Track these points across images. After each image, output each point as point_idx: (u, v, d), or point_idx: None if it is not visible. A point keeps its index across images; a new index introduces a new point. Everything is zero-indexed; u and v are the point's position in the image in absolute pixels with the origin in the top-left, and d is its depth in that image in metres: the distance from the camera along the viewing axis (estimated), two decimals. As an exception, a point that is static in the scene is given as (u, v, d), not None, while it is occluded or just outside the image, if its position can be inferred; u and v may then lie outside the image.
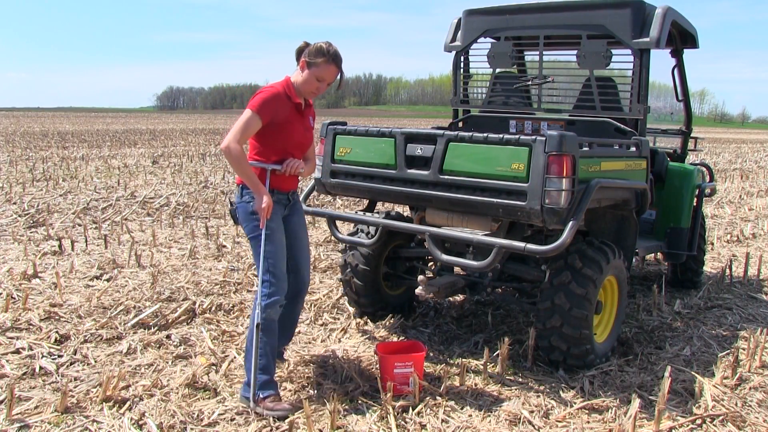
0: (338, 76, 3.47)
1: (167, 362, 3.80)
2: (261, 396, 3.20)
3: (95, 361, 3.79)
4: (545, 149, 3.31)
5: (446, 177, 3.68)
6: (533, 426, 3.16)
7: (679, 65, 5.41)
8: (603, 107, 4.60)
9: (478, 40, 5.07)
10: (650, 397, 3.48)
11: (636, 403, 3.16)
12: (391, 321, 4.52)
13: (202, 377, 3.55)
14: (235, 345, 4.08)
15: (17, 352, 3.86)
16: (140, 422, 3.08)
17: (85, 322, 4.36)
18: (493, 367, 3.78)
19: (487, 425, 3.15)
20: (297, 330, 4.38)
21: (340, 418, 3.13)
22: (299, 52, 3.42)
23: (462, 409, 3.30)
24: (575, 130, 4.47)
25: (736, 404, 3.42)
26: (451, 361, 3.93)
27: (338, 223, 4.37)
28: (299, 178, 3.56)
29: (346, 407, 3.25)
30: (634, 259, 4.77)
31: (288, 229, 3.48)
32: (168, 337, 4.18)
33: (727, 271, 6.09)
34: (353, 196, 4.30)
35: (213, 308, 4.75)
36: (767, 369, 3.94)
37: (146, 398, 3.30)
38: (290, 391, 3.42)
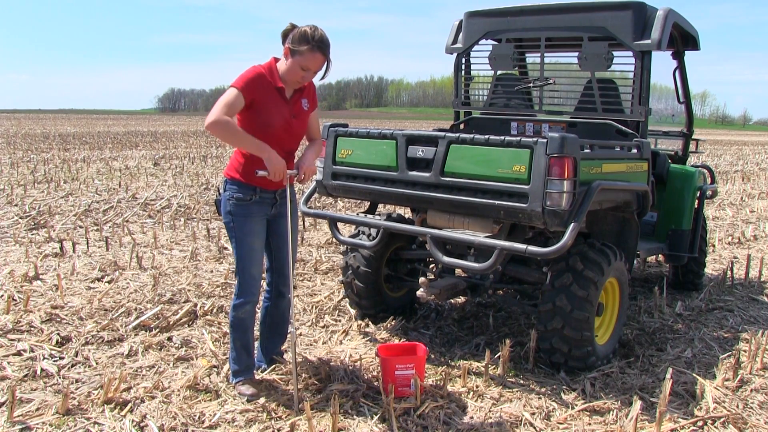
0: (324, 65, 3.23)
1: (168, 364, 3.81)
2: (233, 382, 3.46)
3: (96, 363, 3.79)
4: (546, 151, 3.31)
5: (447, 179, 3.69)
6: (534, 428, 3.16)
7: (681, 67, 5.41)
8: (604, 109, 4.60)
9: (480, 42, 5.07)
10: (651, 399, 3.47)
11: (637, 404, 3.16)
12: (393, 323, 4.52)
13: (203, 379, 3.55)
14: (237, 347, 4.08)
15: (18, 354, 3.86)
16: (141, 424, 3.08)
17: (86, 324, 4.37)
18: (494, 368, 3.78)
19: (488, 427, 3.15)
20: (299, 332, 4.39)
21: (342, 419, 3.13)
22: (284, 36, 3.20)
23: (463, 411, 3.30)
24: (576, 132, 4.48)
25: (737, 406, 3.42)
26: (453, 363, 3.93)
27: (339, 225, 4.37)
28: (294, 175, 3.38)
29: (348, 409, 3.25)
30: (635, 261, 4.77)
31: (276, 229, 3.45)
32: (169, 339, 4.19)
33: (729, 273, 6.09)
34: (354, 198, 4.31)
35: (214, 310, 4.76)
36: (769, 371, 3.94)
37: (147, 400, 3.30)
38: (291, 392, 3.42)
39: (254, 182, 3.27)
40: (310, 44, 3.13)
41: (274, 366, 3.66)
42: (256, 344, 3.78)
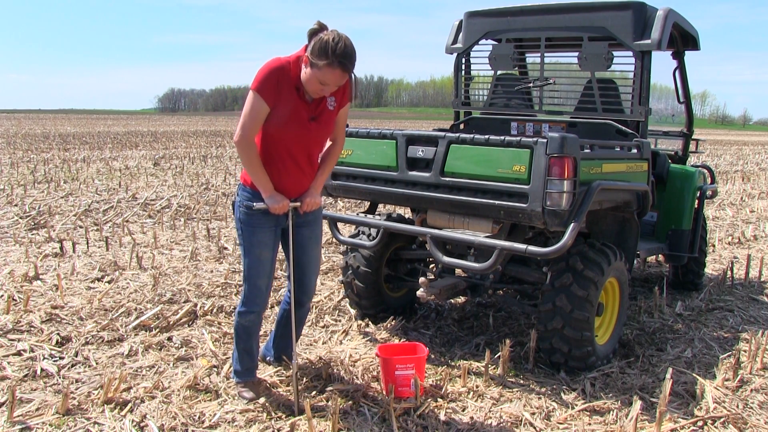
0: (350, 80, 2.97)
1: (168, 364, 3.81)
2: (234, 380, 3.44)
3: (96, 363, 3.79)
4: (546, 151, 3.32)
5: (447, 179, 3.69)
6: (534, 428, 3.16)
7: (681, 67, 5.41)
8: (604, 109, 4.60)
9: (480, 42, 5.07)
10: (651, 399, 3.47)
11: (637, 404, 3.16)
12: (393, 323, 4.52)
13: (203, 379, 3.55)
14: (237, 347, 4.08)
15: (18, 354, 3.86)
16: (141, 424, 3.08)
17: (86, 324, 4.37)
18: (494, 368, 3.78)
19: (488, 427, 3.15)
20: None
21: (342, 420, 3.13)
22: (310, 37, 2.91)
23: (463, 411, 3.30)
24: (576, 132, 4.48)
25: (737, 406, 3.42)
26: (453, 363, 3.93)
27: (339, 225, 4.37)
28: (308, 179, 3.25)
29: (348, 409, 3.25)
30: (635, 261, 4.77)
31: (295, 239, 3.25)
32: (169, 339, 4.19)
33: (729, 273, 6.09)
34: (354, 198, 4.31)
35: (214, 310, 4.76)
36: (769, 371, 3.94)
37: (147, 400, 3.30)
38: (290, 392, 3.42)
39: None
40: (329, 59, 2.82)
41: (277, 368, 3.66)
42: (261, 343, 3.78)
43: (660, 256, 6.13)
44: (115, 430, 3.02)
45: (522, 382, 3.67)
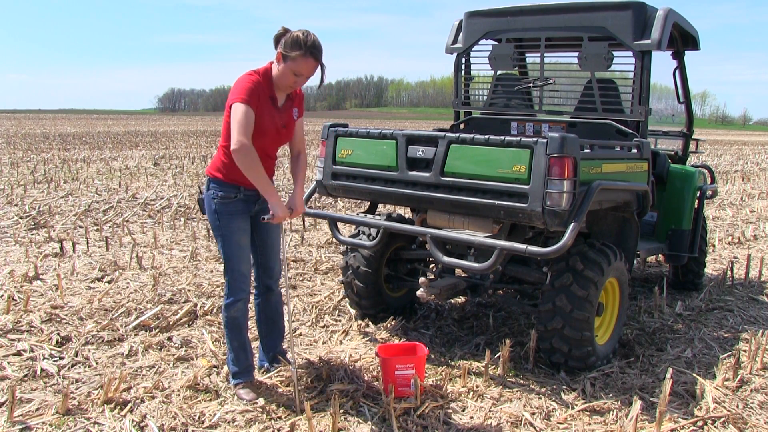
0: (319, 70, 3.19)
1: (168, 364, 3.81)
2: (232, 384, 3.45)
3: (96, 363, 3.79)
4: (547, 151, 3.32)
5: (447, 179, 3.69)
6: (534, 428, 3.16)
7: (681, 67, 5.41)
8: (604, 109, 4.60)
9: (480, 42, 5.07)
10: (651, 399, 3.48)
11: (637, 404, 3.16)
12: (393, 323, 4.52)
13: (203, 379, 3.55)
14: (237, 347, 4.08)
15: (18, 354, 3.87)
16: (141, 424, 3.08)
17: (86, 324, 4.37)
18: (494, 368, 3.78)
19: (488, 427, 3.15)
20: (298, 332, 4.39)
21: (342, 420, 3.13)
22: (277, 40, 3.16)
23: (463, 410, 3.30)
24: (576, 132, 4.48)
25: (737, 406, 3.42)
26: (453, 363, 3.93)
27: (339, 225, 4.37)
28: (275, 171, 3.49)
29: (348, 409, 3.25)
30: (635, 261, 4.77)
31: (259, 225, 3.40)
32: (169, 339, 4.19)
33: (729, 273, 6.09)
34: (355, 198, 4.31)
35: (214, 310, 4.76)
36: (769, 371, 3.94)
37: (147, 400, 3.30)
38: (290, 392, 3.42)
39: (237, 181, 3.24)
40: (302, 50, 3.09)
41: (278, 368, 3.66)
42: (256, 344, 3.79)
43: (660, 256, 6.13)
44: (115, 430, 3.02)
45: (522, 382, 3.67)
